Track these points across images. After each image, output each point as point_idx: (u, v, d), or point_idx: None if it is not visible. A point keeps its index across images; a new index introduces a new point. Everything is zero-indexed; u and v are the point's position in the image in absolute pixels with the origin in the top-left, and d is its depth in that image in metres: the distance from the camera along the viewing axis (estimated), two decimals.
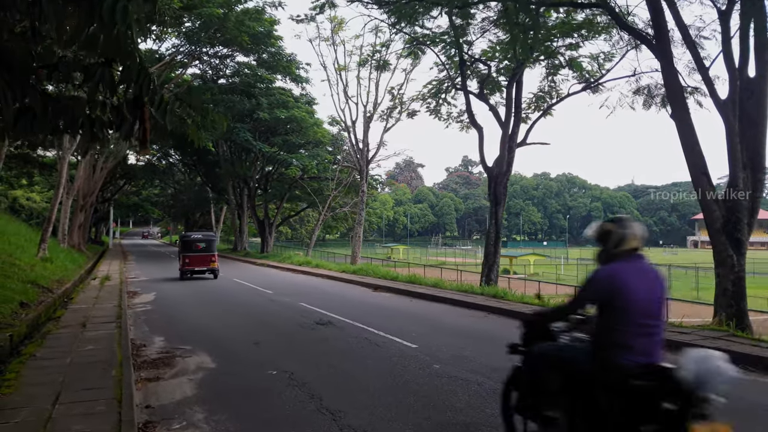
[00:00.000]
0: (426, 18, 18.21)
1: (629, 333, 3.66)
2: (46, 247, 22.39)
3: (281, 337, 10.52)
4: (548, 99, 21.89)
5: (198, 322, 12.30)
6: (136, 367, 7.86)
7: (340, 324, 11.64)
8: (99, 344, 8.96)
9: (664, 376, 3.46)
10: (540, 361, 4.28)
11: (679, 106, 11.27)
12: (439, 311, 14.18)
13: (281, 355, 8.72)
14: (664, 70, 11.39)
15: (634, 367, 3.58)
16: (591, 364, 3.83)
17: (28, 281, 14.76)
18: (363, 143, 32.87)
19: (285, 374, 7.43)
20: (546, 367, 4.21)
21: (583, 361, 3.90)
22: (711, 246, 11.35)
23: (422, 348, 9.07)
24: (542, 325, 4.49)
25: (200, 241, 23.81)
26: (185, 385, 7.02)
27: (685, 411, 3.33)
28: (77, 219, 37.81)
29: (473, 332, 10.96)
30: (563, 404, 4.04)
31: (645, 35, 12.51)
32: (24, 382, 6.57)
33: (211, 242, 24.12)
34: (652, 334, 3.71)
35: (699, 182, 11.16)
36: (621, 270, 3.76)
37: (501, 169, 18.67)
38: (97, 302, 14.50)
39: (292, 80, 38.56)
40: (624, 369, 3.59)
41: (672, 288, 41.07)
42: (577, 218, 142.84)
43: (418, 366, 7.84)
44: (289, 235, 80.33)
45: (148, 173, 58.58)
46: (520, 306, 14.08)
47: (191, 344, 9.53)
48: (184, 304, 15.47)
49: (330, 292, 18.43)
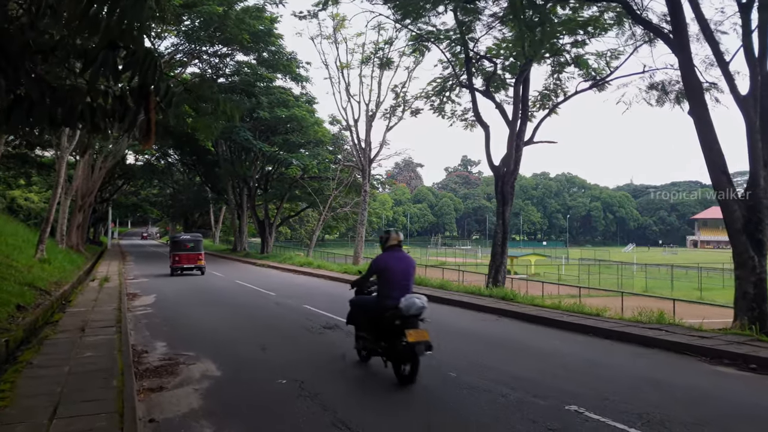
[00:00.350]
0: (433, 14, 17.83)
1: (391, 289, 7.21)
2: (44, 248, 22.04)
3: (288, 342, 10.13)
4: (553, 97, 21.58)
5: (201, 326, 11.91)
6: (138, 375, 7.48)
7: (348, 328, 11.23)
8: (99, 351, 8.57)
9: (396, 309, 6.93)
10: (356, 306, 8.23)
11: (698, 103, 10.89)
12: (448, 314, 13.80)
13: (290, 361, 8.34)
14: (682, 65, 11.01)
15: (390, 306, 7.06)
16: (376, 305, 7.47)
17: (25, 283, 14.40)
18: (365, 142, 32.48)
19: (295, 383, 7.04)
20: (358, 308, 8.12)
21: (372, 303, 7.66)
22: (731, 247, 10.98)
23: (436, 354, 8.60)
24: (359, 286, 8.38)
25: (189, 242, 26.37)
26: (191, 395, 6.63)
27: (403, 323, 6.88)
28: (75, 219, 37.40)
29: (487, 337, 10.58)
30: (365, 325, 7.80)
31: (661, 30, 12.14)
32: (20, 394, 6.18)
33: (198, 242, 26.57)
34: (404, 288, 7.21)
35: (719, 181, 10.78)
36: (387, 257, 7.43)
37: (508, 168, 18.28)
38: (96, 305, 14.12)
39: (293, 79, 38.17)
40: (387, 307, 7.12)
41: (674, 288, 41.02)
42: (576, 218, 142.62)
43: (434, 374, 7.45)
44: (289, 236, 79.89)
45: (147, 173, 58.21)
46: (530, 308, 13.72)
47: (195, 350, 9.14)
48: (185, 307, 15.07)
49: (334, 294, 18.03)
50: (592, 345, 9.93)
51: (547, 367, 7.98)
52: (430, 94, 23.05)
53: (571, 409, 5.97)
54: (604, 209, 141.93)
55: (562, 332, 11.21)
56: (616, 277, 45.98)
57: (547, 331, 11.42)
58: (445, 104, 23.03)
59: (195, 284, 21.45)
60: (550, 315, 12.60)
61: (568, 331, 11.25)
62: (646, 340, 9.92)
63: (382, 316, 7.18)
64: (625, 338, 10.29)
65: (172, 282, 22.48)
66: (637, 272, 53.23)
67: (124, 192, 68.33)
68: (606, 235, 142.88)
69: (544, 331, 11.44)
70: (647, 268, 52.02)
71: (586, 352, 9.29)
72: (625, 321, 11.75)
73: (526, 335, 10.85)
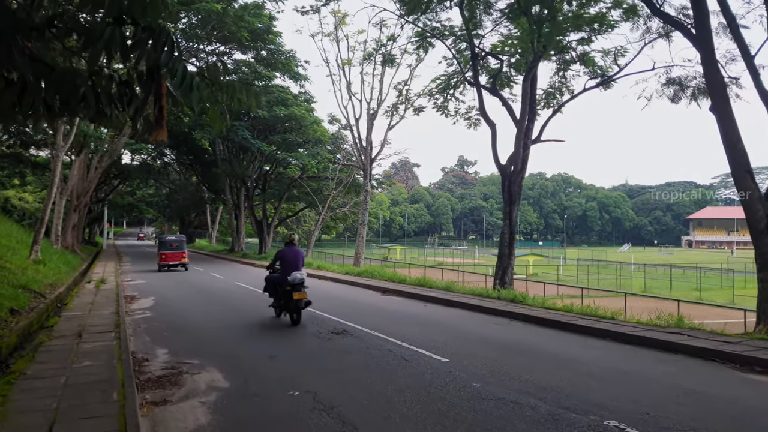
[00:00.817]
0: (440, 8, 17.39)
1: (286, 269, 12.00)
2: (38, 248, 21.53)
3: (296, 348, 9.63)
4: (558, 95, 21.21)
5: (203, 331, 11.43)
6: (140, 387, 7.01)
7: (357, 333, 10.80)
8: (97, 359, 8.10)
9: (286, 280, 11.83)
10: (269, 280, 12.82)
11: (720, 98, 10.49)
12: (458, 317, 13.37)
13: (300, 370, 7.86)
14: (705, 60, 10.61)
15: (285, 279, 11.84)
16: (279, 279, 12.17)
17: (19, 285, 13.92)
18: (366, 141, 32.00)
19: (309, 395, 6.59)
20: (270, 282, 12.75)
21: (277, 278, 12.32)
22: (754, 248, 10.59)
23: (454, 362, 8.25)
24: (270, 268, 12.86)
25: (174, 242, 30.47)
26: (197, 410, 6.16)
27: (292, 288, 11.74)
28: (71, 219, 36.80)
29: (503, 342, 10.13)
30: (274, 292, 12.69)
31: (682, 23, 11.71)
32: (12, 409, 5.71)
33: (182, 242, 30.78)
34: (294, 268, 11.94)
35: (742, 181, 10.39)
36: (286, 250, 12.37)
37: (516, 166, 17.86)
38: (92, 308, 13.62)
39: (291, 78, 37.72)
40: (284, 280, 11.88)
41: (673, 289, 40.73)
42: (572, 218, 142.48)
43: (457, 385, 7.00)
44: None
45: (143, 173, 57.56)
46: (542, 311, 13.30)
47: (199, 357, 8.67)
48: (186, 311, 14.56)
49: (337, 297, 17.58)
50: (612, 351, 9.51)
51: (573, 375, 7.55)
52: (434, 92, 22.62)
53: (611, 424, 5.54)
54: (600, 209, 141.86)
55: (579, 336, 10.80)
56: (615, 278, 45.70)
57: (563, 335, 11.00)
58: (449, 102, 22.62)
59: (195, 286, 20.94)
60: (563, 318, 12.18)
61: (584, 336, 10.84)
62: (669, 346, 9.51)
63: (281, 285, 12.11)
64: (646, 343, 9.87)
65: (170, 284, 21.97)
66: (635, 272, 52.95)
67: (120, 192, 67.64)
68: (602, 235, 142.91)
69: (559, 335, 11.02)
70: (645, 268, 51.71)
71: (608, 358, 8.86)
72: (643, 325, 11.33)
73: (542, 340, 10.42)
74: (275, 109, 37.03)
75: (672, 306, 17.48)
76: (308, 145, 40.23)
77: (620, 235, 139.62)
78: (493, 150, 18.66)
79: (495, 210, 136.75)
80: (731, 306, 24.82)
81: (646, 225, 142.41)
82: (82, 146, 31.55)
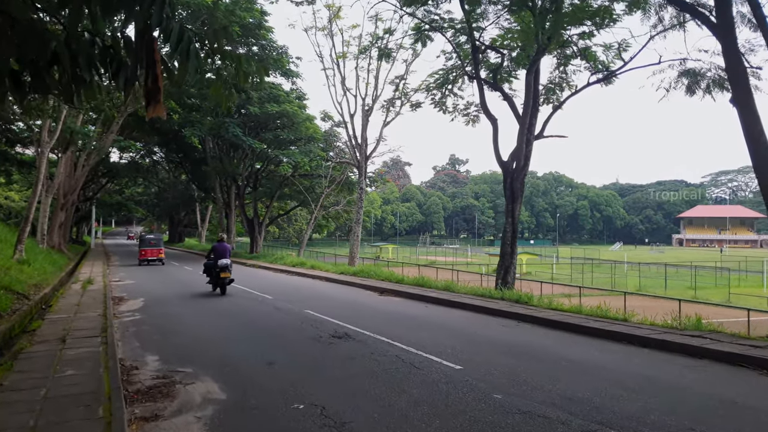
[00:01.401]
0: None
1: (217, 258, 17.77)
2: (23, 248, 20.81)
3: (296, 355, 8.97)
4: (558, 91, 20.70)
5: (196, 335, 10.78)
6: (129, 399, 6.38)
7: (360, 337, 10.20)
8: (82, 367, 7.47)
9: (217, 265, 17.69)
10: (206, 266, 18.44)
11: (742, 89, 9.99)
12: (463, 319, 12.81)
13: (302, 379, 7.26)
14: (726, 49, 10.10)
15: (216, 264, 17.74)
16: (213, 264, 17.90)
17: (1, 287, 13.21)
18: (361, 138, 31.36)
19: (315, 408, 6.00)
20: (207, 267, 18.37)
21: (212, 264, 17.96)
22: None
23: (469, 370, 7.67)
24: (207, 258, 18.48)
25: (153, 240, 34.98)
26: (192, 426, 5.55)
27: (220, 270, 17.60)
28: (57, 218, 35.90)
29: (515, 346, 9.57)
30: (210, 273, 18.18)
31: (700, 11, 11.21)
32: None
33: (159, 240, 35.23)
34: (222, 257, 17.69)
35: (766, 176, 9.88)
36: (217, 245, 18.22)
37: (518, 163, 17.31)
38: (78, 310, 12.95)
39: (283, 75, 37.02)
40: (216, 265, 17.72)
41: (668, 287, 40.44)
42: (564, 217, 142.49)
43: (476, 397, 6.43)
44: (277, 235, 78.50)
45: (132, 171, 56.46)
46: (551, 313, 12.78)
47: (192, 365, 8.04)
48: (177, 313, 13.86)
49: (334, 297, 16.98)
50: (631, 355, 8.98)
51: (599, 384, 7.00)
52: (432, 87, 22.01)
53: None
54: (591, 208, 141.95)
55: (592, 339, 10.28)
56: (609, 276, 45.38)
57: (576, 338, 10.48)
58: (447, 97, 22.02)
59: (186, 287, 20.24)
60: (574, 320, 11.67)
61: (598, 339, 10.33)
62: (692, 350, 9.01)
63: (214, 268, 17.62)
64: (666, 347, 9.37)
65: (160, 284, 21.25)
66: (629, 271, 52.73)
67: (108, 190, 66.50)
68: (593, 234, 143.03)
69: (572, 338, 10.49)
70: (639, 267, 51.50)
71: (631, 364, 8.32)
72: (659, 327, 10.84)
73: (556, 344, 9.87)
74: (267, 106, 36.31)
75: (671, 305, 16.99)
76: (300, 143, 39.49)
77: (611, 234, 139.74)
78: (494, 146, 18.10)
79: (486, 209, 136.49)
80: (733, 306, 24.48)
81: (638, 223, 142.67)
82: (69, 143, 30.65)
